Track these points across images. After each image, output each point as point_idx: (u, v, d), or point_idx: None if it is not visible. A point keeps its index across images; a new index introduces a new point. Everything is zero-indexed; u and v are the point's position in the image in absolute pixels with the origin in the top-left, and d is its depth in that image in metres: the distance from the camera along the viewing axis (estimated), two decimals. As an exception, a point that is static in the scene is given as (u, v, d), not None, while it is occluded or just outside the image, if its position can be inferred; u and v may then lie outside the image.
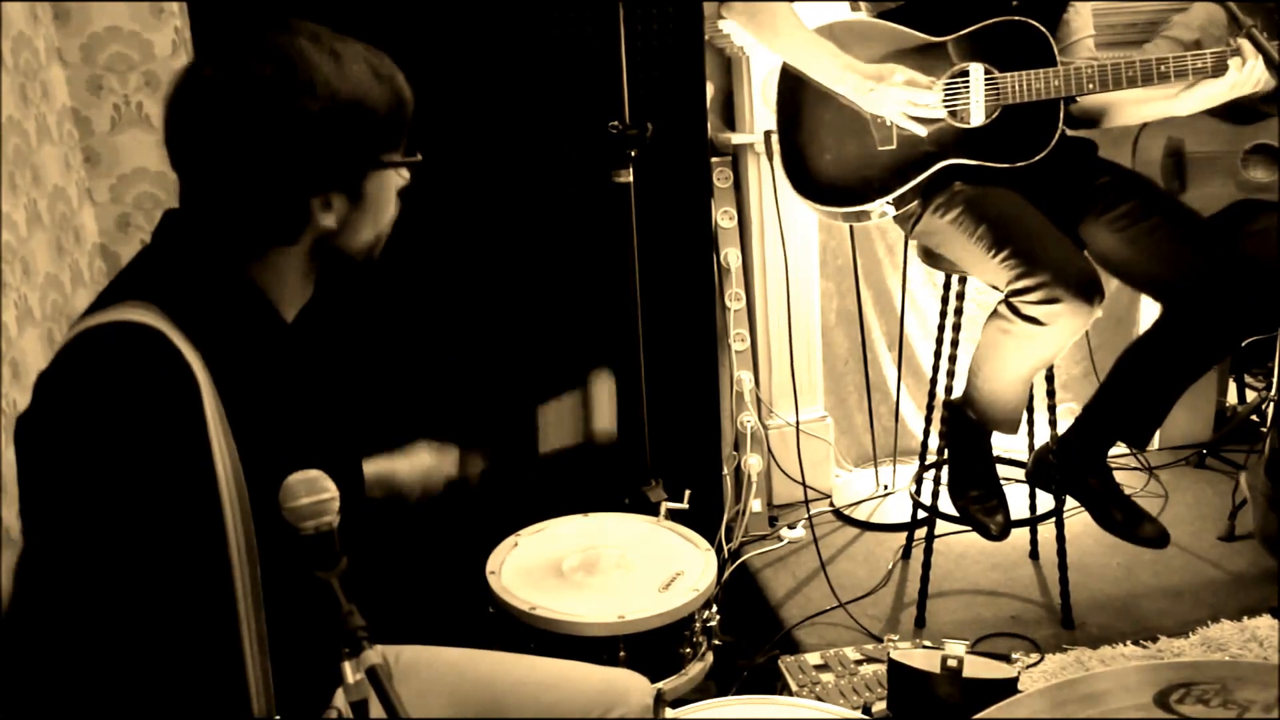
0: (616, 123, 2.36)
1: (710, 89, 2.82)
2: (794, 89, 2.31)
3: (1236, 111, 2.55)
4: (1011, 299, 2.08)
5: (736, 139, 2.84)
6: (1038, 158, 2.18)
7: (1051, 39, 2.14)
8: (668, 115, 2.58)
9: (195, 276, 1.14)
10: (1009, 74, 2.16)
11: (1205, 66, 2.05)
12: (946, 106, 2.20)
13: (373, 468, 1.55)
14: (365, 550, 1.51)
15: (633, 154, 2.38)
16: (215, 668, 1.07)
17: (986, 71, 2.18)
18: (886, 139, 2.26)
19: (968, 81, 2.20)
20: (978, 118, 2.20)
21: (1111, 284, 2.98)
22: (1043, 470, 2.39)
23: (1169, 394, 2.22)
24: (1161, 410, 2.25)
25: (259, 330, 1.18)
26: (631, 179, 2.39)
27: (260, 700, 1.09)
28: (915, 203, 2.28)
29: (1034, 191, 2.20)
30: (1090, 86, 2.11)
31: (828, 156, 2.31)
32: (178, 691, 1.05)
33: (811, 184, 2.34)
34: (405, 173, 1.23)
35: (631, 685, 1.52)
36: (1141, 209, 2.17)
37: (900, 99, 2.15)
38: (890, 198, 2.27)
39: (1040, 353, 2.13)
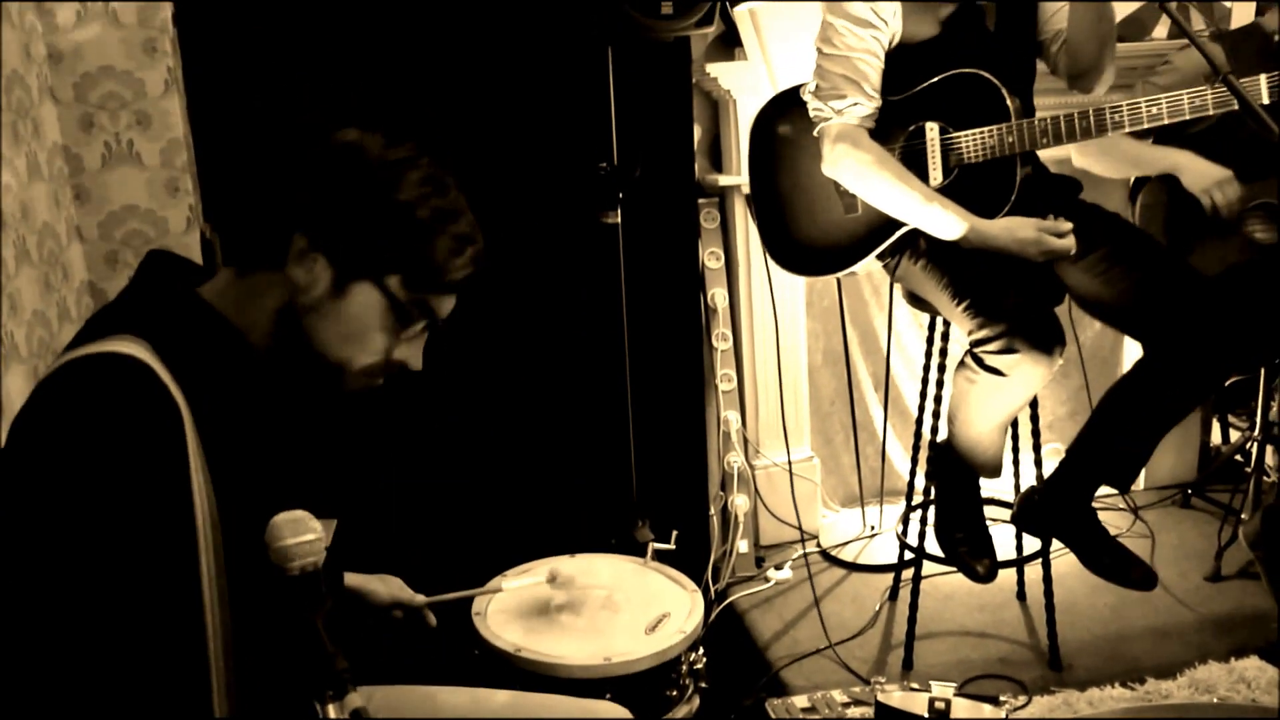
0: (605, 164, 2.38)
1: (698, 131, 2.85)
2: (763, 155, 2.36)
3: (1236, 168, 2.51)
4: (974, 349, 2.10)
5: (723, 180, 2.86)
6: (997, 217, 2.14)
7: (1004, 91, 2.12)
8: (656, 157, 2.61)
9: (174, 309, 1.15)
10: (963, 133, 2.17)
11: (1160, 113, 2.04)
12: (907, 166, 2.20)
13: (350, 581, 1.54)
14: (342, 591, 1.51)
15: (621, 195, 2.39)
16: (182, 699, 1.06)
17: (943, 130, 2.20)
18: (852, 206, 2.29)
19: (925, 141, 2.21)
20: (935, 178, 2.20)
21: (1095, 325, 3.02)
22: (1029, 513, 2.39)
23: (1151, 436, 2.22)
24: (1144, 452, 2.24)
25: (234, 364, 1.17)
26: (619, 220, 2.41)
27: None
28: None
29: None
30: (1044, 141, 2.10)
31: (801, 222, 2.37)
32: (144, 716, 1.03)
33: (790, 257, 2.43)
34: (403, 350, 1.21)
35: (611, 717, 1.51)
36: (1118, 251, 2.18)
37: None
38: (863, 262, 2.31)
39: (1006, 402, 2.15)
